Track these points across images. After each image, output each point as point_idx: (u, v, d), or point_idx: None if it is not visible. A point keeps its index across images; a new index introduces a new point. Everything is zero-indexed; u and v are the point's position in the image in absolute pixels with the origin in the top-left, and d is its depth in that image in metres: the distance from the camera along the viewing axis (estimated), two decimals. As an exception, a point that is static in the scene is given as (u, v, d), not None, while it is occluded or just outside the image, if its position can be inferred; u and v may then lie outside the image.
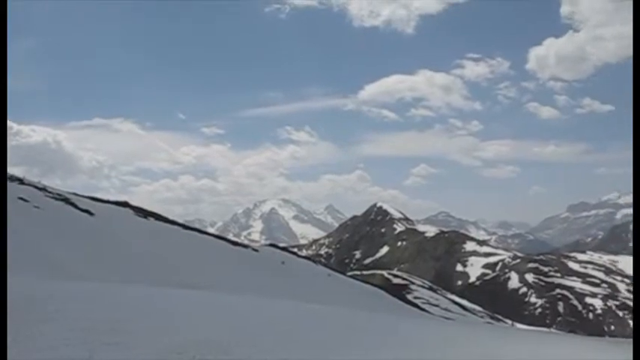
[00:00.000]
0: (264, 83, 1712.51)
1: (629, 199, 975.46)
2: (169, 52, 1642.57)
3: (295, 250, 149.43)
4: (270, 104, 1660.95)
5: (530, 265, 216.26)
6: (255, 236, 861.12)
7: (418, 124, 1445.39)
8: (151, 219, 49.15)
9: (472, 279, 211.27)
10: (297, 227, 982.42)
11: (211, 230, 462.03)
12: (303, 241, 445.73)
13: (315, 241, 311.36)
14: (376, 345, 12.29)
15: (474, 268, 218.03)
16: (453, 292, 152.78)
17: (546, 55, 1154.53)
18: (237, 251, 51.40)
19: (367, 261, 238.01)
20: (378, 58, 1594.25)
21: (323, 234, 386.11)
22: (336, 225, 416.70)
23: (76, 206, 39.25)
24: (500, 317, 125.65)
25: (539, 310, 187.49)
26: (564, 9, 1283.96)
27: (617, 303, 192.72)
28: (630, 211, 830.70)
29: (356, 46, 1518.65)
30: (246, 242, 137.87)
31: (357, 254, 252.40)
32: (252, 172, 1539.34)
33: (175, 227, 50.70)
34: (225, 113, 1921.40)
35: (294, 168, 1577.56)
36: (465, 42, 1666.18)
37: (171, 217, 56.10)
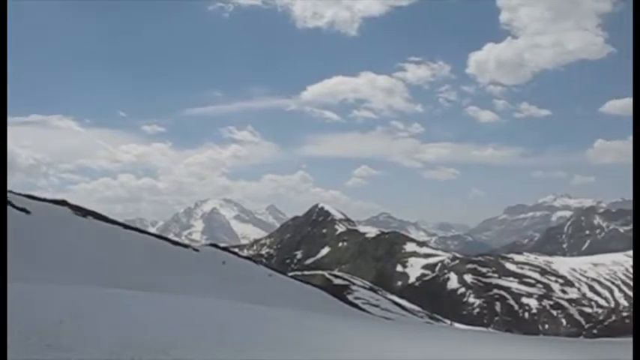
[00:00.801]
0: (206, 82, 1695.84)
1: (564, 201, 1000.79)
2: (110, 49, 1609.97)
3: (236, 250, 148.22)
4: (212, 103, 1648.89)
5: (469, 265, 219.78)
6: (196, 236, 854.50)
7: (360, 125, 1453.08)
8: (90, 218, 48.16)
9: (412, 279, 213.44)
10: (239, 227, 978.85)
11: (152, 230, 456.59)
12: (244, 241, 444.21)
13: (256, 241, 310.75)
14: (315, 345, 12.30)
15: (414, 269, 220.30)
16: (393, 293, 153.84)
17: (486, 60, 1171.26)
18: (177, 251, 50.81)
19: (308, 261, 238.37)
20: (320, 59, 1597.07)
21: (264, 234, 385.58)
22: (278, 225, 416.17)
23: (12, 204, 38.23)
24: (439, 317, 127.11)
25: (477, 309, 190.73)
26: (504, 16, 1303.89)
27: (551, 303, 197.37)
28: (565, 213, 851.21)
29: (299, 47, 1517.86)
30: (187, 242, 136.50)
31: (299, 255, 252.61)
32: (193, 172, 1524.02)
33: (115, 226, 49.79)
34: (166, 111, 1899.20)
35: (236, 167, 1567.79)
36: (408, 45, 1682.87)
37: (111, 217, 54.98)
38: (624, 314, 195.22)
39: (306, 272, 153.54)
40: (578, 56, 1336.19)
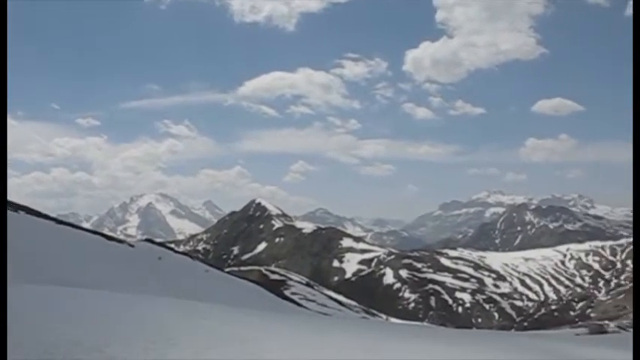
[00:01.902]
0: (142, 75, 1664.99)
1: (497, 198, 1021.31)
2: (43, 40, 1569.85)
3: (172, 245, 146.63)
4: (148, 97, 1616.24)
5: (405, 261, 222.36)
6: (132, 231, 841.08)
7: (297, 121, 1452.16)
8: (22, 213, 47.00)
9: (348, 275, 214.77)
10: (175, 222, 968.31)
11: (86, 225, 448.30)
12: (180, 237, 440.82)
13: (192, 236, 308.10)
14: (251, 341, 12.32)
15: (351, 264, 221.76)
16: (329, 288, 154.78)
17: (422, 57, 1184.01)
18: (112, 246, 49.98)
19: (245, 257, 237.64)
20: (258, 54, 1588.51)
21: (201, 229, 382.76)
22: (215, 221, 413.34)
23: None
24: (375, 312, 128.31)
25: (413, 304, 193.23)
26: (439, 15, 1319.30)
27: (484, 297, 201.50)
28: (498, 209, 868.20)
29: (237, 42, 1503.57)
30: (122, 237, 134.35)
31: (235, 250, 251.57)
32: (129, 166, 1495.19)
33: (48, 222, 48.75)
34: (101, 105, 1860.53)
35: (173, 162, 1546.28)
36: (345, 42, 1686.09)
37: (43, 211, 53.85)
38: (553, 307, 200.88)
39: (243, 268, 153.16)
40: (512, 56, 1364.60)
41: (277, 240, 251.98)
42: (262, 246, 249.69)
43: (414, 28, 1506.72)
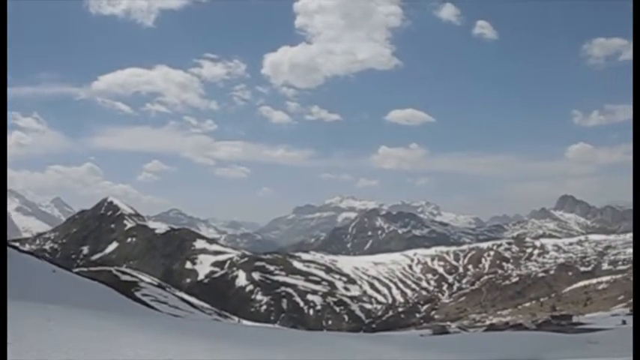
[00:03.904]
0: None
1: (350, 203, 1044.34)
2: None
3: (17, 244, 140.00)
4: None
5: (258, 263, 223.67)
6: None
7: (153, 119, 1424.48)
8: None
9: (201, 277, 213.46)
10: (20, 220, 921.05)
11: None
12: (26, 235, 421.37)
13: (39, 235, 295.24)
14: (100, 344, 12.35)
15: (204, 266, 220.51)
16: (182, 290, 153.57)
17: (280, 62, 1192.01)
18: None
19: (95, 257, 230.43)
20: (115, 48, 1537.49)
21: (49, 228, 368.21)
22: (64, 219, 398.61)
23: None
24: (227, 314, 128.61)
25: (265, 307, 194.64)
26: (299, 20, 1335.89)
27: (335, 300, 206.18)
28: (350, 214, 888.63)
29: (92, 34, 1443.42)
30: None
31: (85, 250, 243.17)
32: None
33: None
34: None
35: (19, 156, 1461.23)
36: (205, 41, 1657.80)
37: None
38: (400, 310, 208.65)
39: (92, 268, 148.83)
40: (368, 65, 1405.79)
41: (129, 240, 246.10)
42: (113, 246, 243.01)
43: (274, 32, 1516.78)
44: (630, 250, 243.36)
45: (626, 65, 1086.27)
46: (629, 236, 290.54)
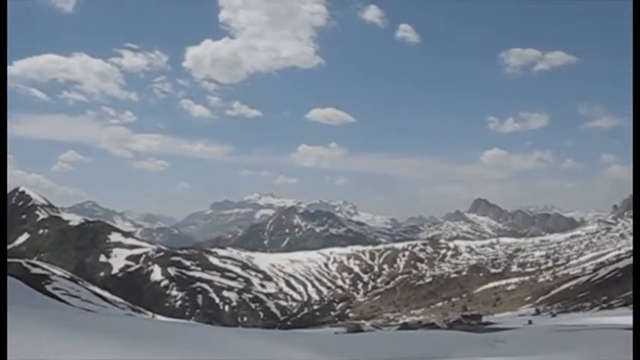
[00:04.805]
0: None
1: (268, 200, 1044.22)
2: None
3: None
4: None
5: (174, 258, 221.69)
6: None
7: (70, 108, 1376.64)
8: None
9: (115, 271, 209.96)
10: None
11: None
12: None
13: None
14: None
15: (118, 260, 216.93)
16: (95, 284, 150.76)
17: (203, 55, 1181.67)
18: None
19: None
20: (31, 33, 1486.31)
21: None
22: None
23: None
24: (141, 309, 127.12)
25: (180, 302, 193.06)
26: (223, 15, 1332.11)
27: (251, 296, 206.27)
28: (268, 211, 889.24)
29: (7, 17, 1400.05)
30: None
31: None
32: None
33: None
34: None
35: None
36: (126, 31, 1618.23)
37: None
38: (315, 307, 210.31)
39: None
40: (291, 63, 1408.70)
41: (41, 232, 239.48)
42: (24, 237, 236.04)
43: (197, 26, 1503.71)
44: (538, 253, 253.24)
45: (541, 75, 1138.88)
46: (538, 240, 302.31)
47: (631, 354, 19.22)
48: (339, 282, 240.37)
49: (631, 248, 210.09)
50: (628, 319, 57.07)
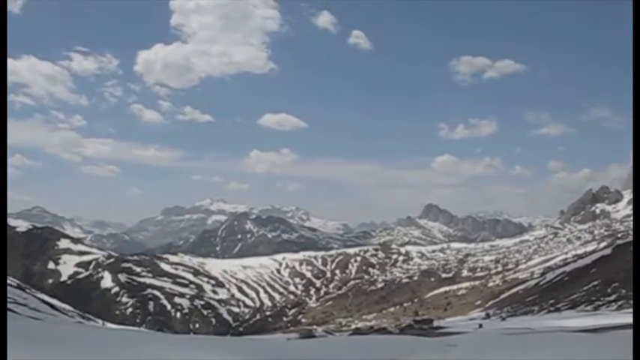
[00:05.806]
0: None
1: (220, 205, 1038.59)
2: None
3: None
4: None
5: (124, 265, 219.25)
6: None
7: (17, 111, 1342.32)
8: None
9: (64, 277, 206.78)
10: None
11: None
12: None
13: None
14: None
15: (67, 267, 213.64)
16: (43, 291, 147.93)
17: (154, 60, 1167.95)
18: None
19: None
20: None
21: None
22: None
23: None
24: (91, 317, 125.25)
25: (131, 309, 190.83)
26: (175, 19, 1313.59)
27: (203, 302, 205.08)
28: (220, 217, 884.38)
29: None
30: None
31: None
32: None
33: None
34: None
35: None
36: (76, 33, 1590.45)
37: None
38: (268, 313, 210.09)
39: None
40: (243, 68, 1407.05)
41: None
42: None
43: (149, 29, 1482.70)
44: (488, 258, 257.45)
45: (490, 83, 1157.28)
46: (488, 245, 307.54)
47: (577, 355, 19.82)
48: (292, 288, 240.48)
49: (577, 252, 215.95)
50: (574, 322, 58.72)
